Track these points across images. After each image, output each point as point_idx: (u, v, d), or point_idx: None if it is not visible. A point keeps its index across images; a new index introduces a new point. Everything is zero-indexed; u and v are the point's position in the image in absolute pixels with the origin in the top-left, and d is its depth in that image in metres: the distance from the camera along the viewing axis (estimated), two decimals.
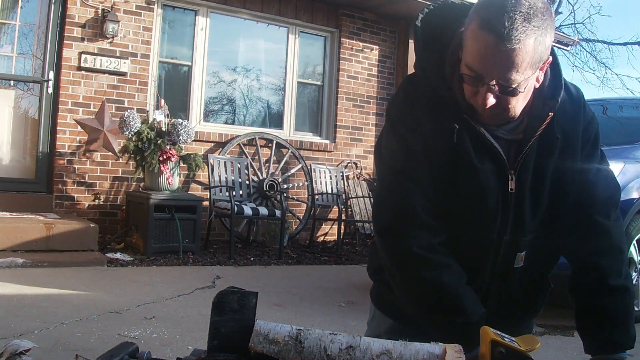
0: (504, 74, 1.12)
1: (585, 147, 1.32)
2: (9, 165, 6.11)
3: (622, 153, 4.26)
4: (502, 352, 0.96)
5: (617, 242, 1.34)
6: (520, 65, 1.11)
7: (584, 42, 17.72)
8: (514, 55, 1.10)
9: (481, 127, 1.24)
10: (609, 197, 1.35)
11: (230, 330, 1.08)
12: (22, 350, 1.04)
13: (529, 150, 1.25)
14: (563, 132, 1.28)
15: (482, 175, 1.24)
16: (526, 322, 1.52)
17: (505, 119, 1.23)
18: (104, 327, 3.32)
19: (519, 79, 1.13)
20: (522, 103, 1.21)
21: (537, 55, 1.12)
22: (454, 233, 1.28)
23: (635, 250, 4.13)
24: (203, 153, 6.70)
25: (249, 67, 7.51)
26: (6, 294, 3.90)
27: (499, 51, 1.10)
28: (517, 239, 1.29)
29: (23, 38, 6.17)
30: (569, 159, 1.29)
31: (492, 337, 0.96)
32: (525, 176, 1.26)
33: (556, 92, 1.26)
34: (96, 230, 5.40)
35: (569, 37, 11.43)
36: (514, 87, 1.14)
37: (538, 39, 1.10)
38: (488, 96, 1.15)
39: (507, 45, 1.08)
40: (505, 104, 1.17)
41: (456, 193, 1.26)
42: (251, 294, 1.10)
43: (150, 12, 6.47)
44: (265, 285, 4.75)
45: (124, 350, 1.01)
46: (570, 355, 3.41)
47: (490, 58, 1.11)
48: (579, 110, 1.32)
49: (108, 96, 6.22)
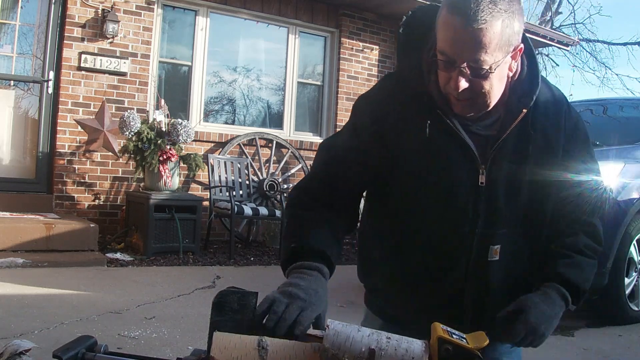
0: (473, 55, 1.15)
1: (570, 150, 1.34)
2: (9, 165, 6.11)
3: (622, 153, 4.26)
4: (449, 350, 0.95)
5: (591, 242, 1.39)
6: (488, 45, 1.14)
7: (584, 42, 17.70)
8: (482, 36, 1.13)
9: (455, 121, 1.26)
10: (592, 203, 1.38)
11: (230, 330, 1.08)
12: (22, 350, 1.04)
13: (501, 145, 1.27)
14: (542, 131, 1.30)
15: (453, 169, 1.27)
16: None
17: (480, 108, 1.25)
18: (104, 327, 3.32)
19: (489, 60, 1.16)
20: (496, 90, 1.22)
21: (505, 38, 1.15)
22: (427, 227, 1.31)
23: (635, 250, 4.13)
24: (203, 153, 6.70)
25: (249, 67, 7.51)
26: (6, 294, 3.90)
27: (466, 32, 1.13)
28: (489, 232, 1.30)
29: (23, 38, 6.17)
30: (549, 159, 1.30)
31: (439, 334, 0.95)
32: (498, 171, 1.28)
33: (532, 89, 1.28)
34: (96, 230, 5.40)
35: (569, 37, 11.43)
36: (484, 69, 1.16)
37: (505, 21, 1.14)
38: (460, 79, 1.18)
39: (474, 25, 1.12)
40: (478, 88, 1.20)
41: (428, 186, 1.29)
42: (251, 294, 1.10)
43: (150, 12, 6.47)
44: (265, 285, 4.74)
45: (82, 343, 1.00)
46: (570, 355, 3.41)
47: (460, 40, 1.15)
48: (560, 111, 1.33)
49: (108, 96, 6.22)
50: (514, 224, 1.31)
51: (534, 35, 9.01)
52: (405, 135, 1.28)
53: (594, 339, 3.75)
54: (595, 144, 4.61)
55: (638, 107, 5.49)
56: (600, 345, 3.63)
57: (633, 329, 3.99)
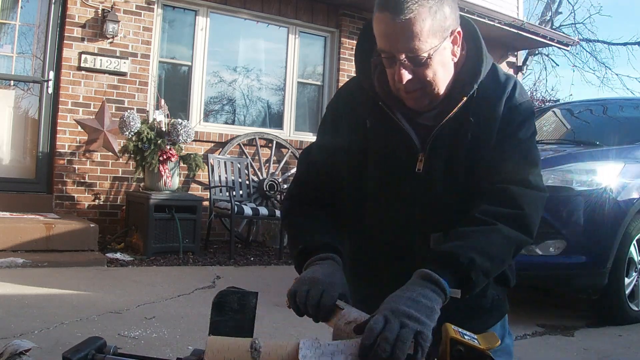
0: (408, 46, 1.18)
1: (501, 133, 1.29)
2: (9, 165, 6.11)
3: (622, 153, 4.26)
4: (461, 351, 0.95)
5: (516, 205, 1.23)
6: (420, 34, 1.16)
7: (584, 42, 17.72)
8: (411, 25, 1.16)
9: (397, 113, 1.30)
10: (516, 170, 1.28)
11: (230, 330, 1.08)
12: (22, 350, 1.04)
13: (439, 133, 1.28)
14: (482, 118, 1.29)
15: (393, 157, 1.31)
16: (478, 319, 1.33)
17: (432, 97, 1.26)
18: (104, 327, 3.32)
19: (425, 47, 1.18)
20: (441, 76, 1.24)
21: (437, 23, 1.17)
22: (373, 216, 1.35)
23: (635, 250, 4.13)
24: (203, 153, 6.70)
25: (249, 67, 7.51)
26: (6, 294, 3.90)
27: (396, 25, 1.16)
28: (429, 220, 1.30)
29: (23, 38, 6.17)
30: (484, 146, 1.29)
31: (451, 335, 0.96)
32: (436, 159, 1.29)
33: (474, 76, 1.28)
34: (96, 230, 5.40)
35: (569, 37, 11.43)
36: (423, 57, 1.19)
37: (433, 7, 1.16)
38: (402, 72, 1.20)
39: (401, 17, 1.15)
40: (422, 77, 1.22)
41: (371, 176, 1.34)
42: (251, 294, 1.11)
43: (150, 12, 6.47)
44: (265, 285, 4.75)
45: (91, 344, 1.00)
46: (570, 355, 3.41)
47: (392, 34, 1.18)
48: (501, 97, 1.30)
49: (108, 96, 6.22)
50: (453, 212, 1.29)
51: (534, 35, 9.02)
52: (352, 129, 1.36)
53: (594, 339, 3.75)
54: (595, 144, 4.62)
55: (638, 107, 5.49)
56: (600, 345, 3.62)
57: (633, 329, 3.99)
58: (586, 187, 3.91)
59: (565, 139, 5.19)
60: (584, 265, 3.85)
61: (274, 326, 3.56)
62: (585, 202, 3.87)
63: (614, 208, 3.92)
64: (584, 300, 4.28)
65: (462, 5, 7.74)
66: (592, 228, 3.89)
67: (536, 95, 12.70)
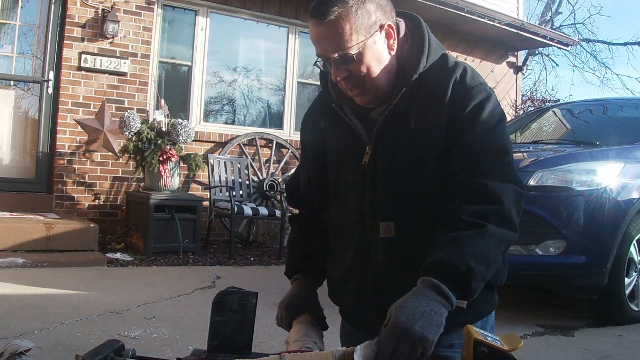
0: (336, 46, 1.24)
1: (458, 121, 1.26)
2: (9, 165, 6.11)
3: (622, 153, 4.26)
4: (485, 352, 0.95)
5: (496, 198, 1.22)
6: (344, 33, 1.23)
7: (584, 42, 17.72)
8: (334, 26, 1.23)
9: (347, 110, 1.37)
10: (489, 162, 1.25)
11: (230, 330, 1.08)
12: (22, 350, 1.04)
13: (384, 124, 1.33)
14: (426, 106, 1.29)
15: (344, 152, 1.40)
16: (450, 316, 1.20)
17: (375, 92, 1.31)
18: (104, 327, 3.32)
19: (350, 45, 1.24)
20: (376, 70, 1.28)
21: (360, 21, 1.23)
22: (335, 210, 1.45)
23: (635, 250, 4.13)
24: (203, 153, 6.70)
25: (249, 67, 7.51)
26: (6, 294, 3.90)
27: (322, 28, 1.24)
28: (376, 209, 1.34)
29: (23, 38, 6.17)
30: (429, 133, 1.28)
31: (474, 337, 0.96)
32: (382, 150, 1.33)
33: (414, 66, 1.31)
34: (96, 230, 5.40)
35: (569, 37, 11.43)
36: (351, 54, 1.24)
37: (354, 6, 1.22)
38: (337, 70, 1.28)
39: (324, 20, 1.23)
40: (357, 73, 1.27)
41: (330, 173, 1.45)
42: (251, 294, 1.11)
43: (150, 12, 6.47)
44: (265, 285, 4.74)
45: (110, 347, 1.00)
46: (570, 355, 3.41)
47: (320, 37, 1.26)
48: (447, 82, 1.28)
49: (108, 96, 6.22)
50: (404, 200, 1.31)
51: (534, 35, 9.01)
52: (313, 134, 1.49)
53: (594, 339, 3.75)
54: (595, 144, 4.62)
55: (638, 107, 5.48)
56: (600, 345, 3.62)
57: (633, 329, 3.98)
58: (586, 187, 3.91)
59: (565, 139, 5.19)
60: (584, 265, 3.85)
61: (274, 326, 3.56)
62: (585, 202, 3.87)
63: (614, 208, 3.91)
64: (584, 300, 4.27)
65: (462, 5, 7.74)
66: (592, 228, 3.89)
67: (536, 95, 12.70)
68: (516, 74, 9.69)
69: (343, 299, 1.48)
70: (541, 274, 3.89)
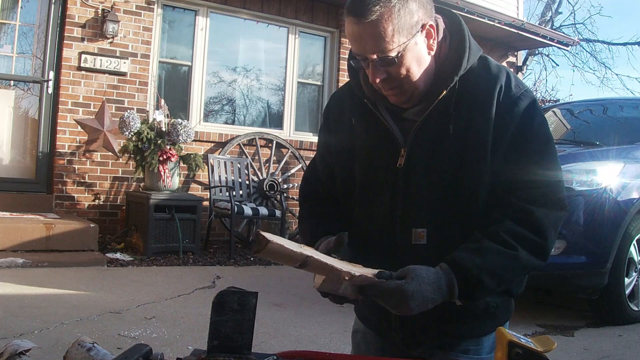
0: (375, 47, 1.19)
1: (506, 132, 1.24)
2: (9, 165, 6.11)
3: (622, 153, 4.26)
4: (520, 353, 0.96)
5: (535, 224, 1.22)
6: (385, 34, 1.17)
7: (584, 42, 17.72)
8: (375, 27, 1.17)
9: (381, 109, 1.32)
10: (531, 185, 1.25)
11: (230, 330, 1.08)
12: (22, 350, 1.04)
13: (421, 126, 1.27)
14: (468, 111, 1.25)
15: (375, 152, 1.33)
16: (467, 324, 1.31)
17: (411, 93, 1.26)
18: (104, 327, 3.32)
19: (392, 47, 1.18)
20: (416, 72, 1.23)
21: (403, 21, 1.17)
22: (361, 213, 1.37)
23: (635, 250, 4.13)
24: (203, 153, 6.70)
25: (249, 67, 7.51)
26: (6, 294, 3.90)
27: (361, 28, 1.18)
28: (410, 214, 1.29)
29: (23, 38, 6.17)
30: (473, 140, 1.24)
31: (509, 338, 0.96)
32: (419, 154, 1.28)
33: (455, 68, 1.26)
34: (96, 230, 5.40)
35: (569, 37, 11.43)
36: (391, 57, 1.19)
37: (396, 6, 1.16)
38: (375, 72, 1.22)
39: (365, 19, 1.16)
40: (395, 75, 1.23)
41: (358, 172, 1.36)
42: (251, 294, 1.10)
43: (150, 12, 6.47)
44: (265, 285, 4.75)
45: (138, 352, 1.00)
46: (570, 355, 3.41)
47: (359, 36, 1.20)
48: (492, 89, 1.26)
49: (108, 96, 6.22)
50: (439, 207, 1.27)
51: (534, 35, 9.01)
52: (341, 128, 1.40)
53: (594, 339, 3.75)
54: (595, 144, 4.62)
55: (638, 107, 5.49)
56: (600, 345, 3.63)
57: (633, 329, 3.99)
58: (586, 187, 3.91)
59: (565, 139, 5.19)
60: (584, 265, 3.85)
61: (274, 326, 3.56)
62: (585, 202, 3.87)
63: (614, 208, 3.92)
64: (584, 300, 4.28)
65: (462, 5, 7.74)
66: (592, 228, 3.90)
67: (536, 95, 12.75)
68: (516, 74, 9.69)
69: (365, 305, 1.42)
70: (541, 274, 3.89)
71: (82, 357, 1.01)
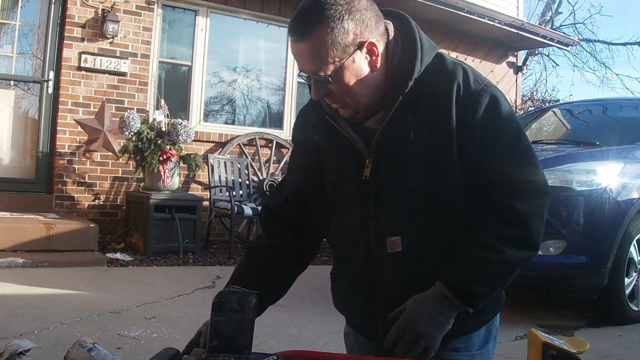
0: (312, 65, 1.20)
1: (471, 129, 1.22)
2: (9, 165, 6.11)
3: (622, 153, 4.26)
4: (554, 355, 0.96)
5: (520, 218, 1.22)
6: (319, 54, 1.17)
7: (584, 42, 17.72)
8: (310, 46, 1.18)
9: (342, 122, 1.30)
10: (509, 179, 1.23)
11: (230, 330, 1.08)
12: (22, 350, 1.04)
13: (382, 135, 1.26)
14: (428, 114, 1.23)
15: (344, 166, 1.32)
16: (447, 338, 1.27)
17: (357, 107, 1.25)
18: (104, 327, 3.32)
19: (325, 66, 1.18)
20: (356, 89, 1.22)
21: (337, 41, 1.17)
22: (336, 225, 1.38)
23: (635, 250, 4.13)
24: (203, 153, 6.70)
25: (249, 67, 7.51)
26: (6, 294, 3.90)
27: (298, 47, 1.20)
28: (382, 224, 1.28)
29: (23, 38, 6.17)
30: (438, 143, 1.22)
31: (543, 340, 0.97)
32: (383, 162, 1.27)
33: (407, 75, 1.23)
34: (96, 230, 5.40)
35: (569, 37, 11.43)
36: (325, 75, 1.19)
37: (330, 25, 1.15)
38: (317, 89, 1.23)
39: (298, 40, 1.19)
40: (337, 91, 1.22)
41: (329, 187, 1.37)
42: (251, 294, 1.10)
43: (150, 12, 6.47)
44: None
45: (166, 356, 1.01)
46: None
47: (297, 55, 1.22)
48: (450, 87, 1.23)
49: (108, 96, 6.22)
50: (411, 214, 1.26)
51: (534, 35, 9.01)
52: (306, 146, 1.40)
53: (594, 339, 3.75)
54: (595, 144, 4.62)
55: (638, 107, 5.48)
56: (600, 345, 3.62)
57: (633, 329, 3.98)
58: (586, 187, 3.91)
59: (565, 139, 5.19)
60: (584, 265, 3.85)
61: (274, 326, 3.56)
62: (585, 202, 3.87)
63: (614, 208, 3.91)
64: (584, 300, 4.27)
65: (462, 5, 7.74)
66: (592, 228, 3.89)
67: (536, 95, 12.74)
68: (516, 74, 9.69)
69: (350, 311, 1.45)
70: (541, 274, 3.89)
71: (83, 357, 1.01)
